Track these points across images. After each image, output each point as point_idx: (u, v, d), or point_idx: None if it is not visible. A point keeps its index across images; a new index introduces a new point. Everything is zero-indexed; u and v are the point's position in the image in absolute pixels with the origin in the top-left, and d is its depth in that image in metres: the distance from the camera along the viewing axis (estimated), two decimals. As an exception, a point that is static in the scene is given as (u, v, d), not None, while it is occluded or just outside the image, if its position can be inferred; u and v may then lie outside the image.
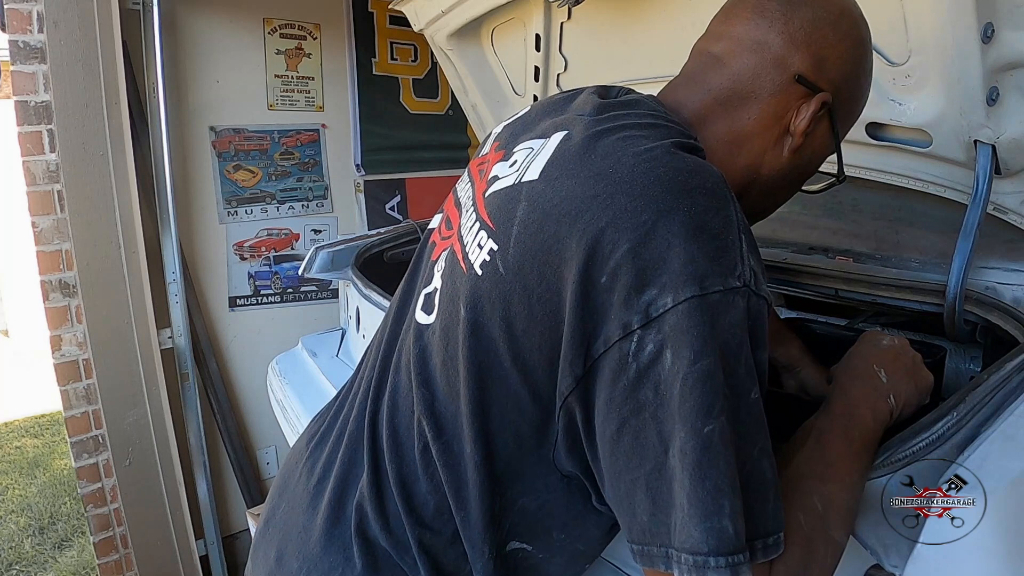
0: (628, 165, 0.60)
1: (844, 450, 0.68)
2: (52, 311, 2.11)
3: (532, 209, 0.63)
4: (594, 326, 0.56)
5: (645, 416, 0.54)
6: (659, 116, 0.68)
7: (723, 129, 0.72)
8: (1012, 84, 1.00)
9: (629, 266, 0.55)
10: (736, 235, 0.56)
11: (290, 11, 2.66)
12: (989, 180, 1.04)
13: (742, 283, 0.55)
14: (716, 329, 0.53)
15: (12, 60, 1.96)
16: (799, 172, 0.77)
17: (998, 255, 1.13)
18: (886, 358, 0.79)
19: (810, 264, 1.25)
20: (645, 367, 0.54)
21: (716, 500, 0.51)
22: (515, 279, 0.62)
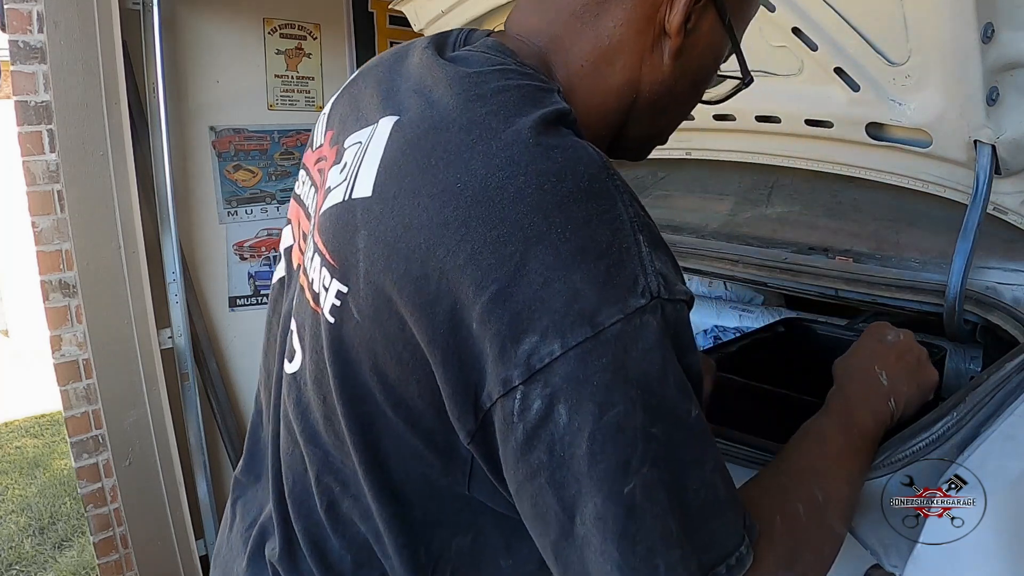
0: (480, 176, 0.47)
1: (844, 447, 0.66)
2: (52, 311, 2.11)
3: (374, 241, 0.51)
4: (475, 378, 0.47)
5: (540, 481, 0.46)
6: (509, 71, 0.55)
7: (586, 48, 0.59)
8: (1012, 84, 1.00)
9: (500, 311, 0.45)
10: (631, 240, 0.47)
11: (290, 11, 2.65)
12: (989, 180, 1.04)
13: (648, 298, 0.45)
14: (625, 367, 0.44)
15: (12, 60, 1.95)
16: (690, 80, 0.63)
17: (998, 255, 1.13)
18: (889, 358, 0.77)
19: (810, 264, 1.25)
20: (534, 428, 0.45)
21: (650, 563, 0.44)
22: (374, 326, 0.52)
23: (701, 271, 1.43)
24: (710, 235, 1.49)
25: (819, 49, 1.17)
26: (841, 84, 1.18)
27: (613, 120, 0.63)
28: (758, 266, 1.30)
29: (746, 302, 1.65)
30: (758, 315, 1.55)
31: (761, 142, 1.42)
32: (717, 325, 1.58)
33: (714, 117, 1.42)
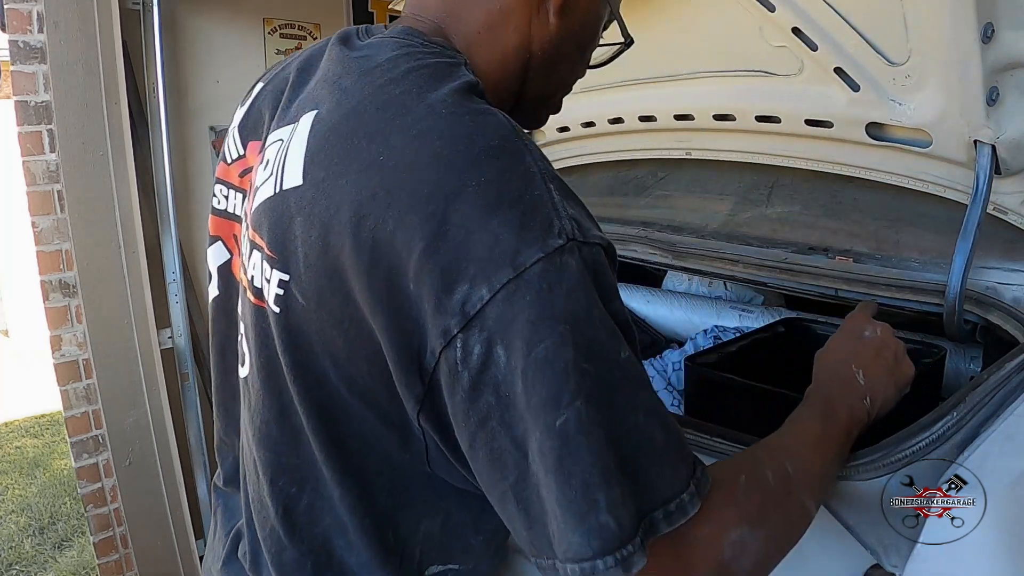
0: (397, 146, 0.52)
1: (820, 436, 0.67)
2: (52, 311, 2.11)
3: (310, 225, 0.54)
4: (417, 340, 0.50)
5: (492, 424, 0.48)
6: (413, 55, 0.59)
7: (480, 16, 0.65)
8: (1012, 84, 1.00)
9: (431, 267, 0.48)
10: (542, 189, 0.50)
11: (290, 11, 2.65)
12: (989, 180, 1.04)
13: (565, 239, 0.48)
14: (551, 304, 0.47)
15: (12, 60, 1.96)
16: (575, 39, 0.69)
17: (998, 255, 1.13)
18: (866, 356, 0.77)
19: (810, 264, 1.25)
20: (478, 372, 0.47)
21: (588, 498, 0.46)
22: (319, 308, 0.55)
23: (701, 271, 1.43)
24: (710, 235, 1.49)
25: (819, 49, 1.17)
26: (841, 84, 1.18)
27: (512, 82, 0.69)
28: (758, 266, 1.30)
29: (746, 302, 1.65)
30: (758, 315, 1.55)
31: (761, 142, 1.42)
32: (717, 325, 1.58)
33: (714, 117, 1.42)
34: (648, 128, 1.58)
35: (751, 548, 0.52)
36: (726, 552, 0.51)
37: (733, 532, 0.52)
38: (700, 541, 0.50)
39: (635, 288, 1.75)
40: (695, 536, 0.50)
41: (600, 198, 1.87)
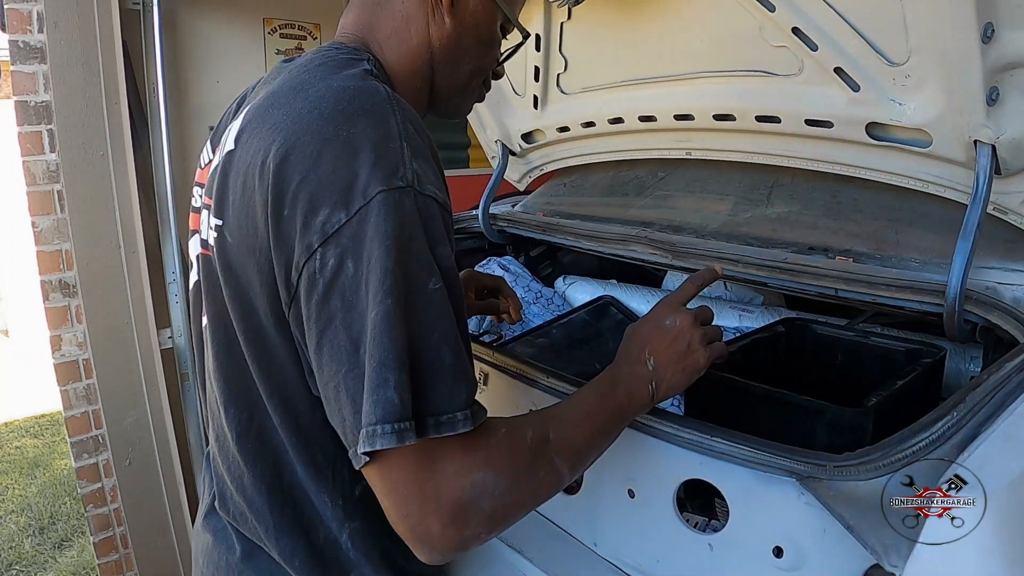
0: (296, 109, 0.66)
1: (593, 409, 0.76)
2: (52, 311, 2.11)
3: (236, 175, 0.70)
4: (287, 255, 0.63)
5: (336, 324, 0.60)
6: (330, 52, 0.77)
7: (387, 26, 0.81)
8: (1012, 84, 1.00)
9: (303, 194, 0.62)
10: (397, 144, 0.63)
11: (290, 11, 2.66)
12: (989, 180, 1.04)
13: (404, 183, 0.62)
14: (385, 227, 0.59)
15: (12, 60, 1.96)
16: (472, 37, 0.82)
17: (998, 255, 1.13)
18: (660, 344, 0.82)
19: (810, 264, 1.25)
20: (330, 280, 0.60)
21: (381, 374, 0.58)
22: (241, 242, 0.69)
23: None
24: (710, 235, 1.49)
25: (819, 49, 1.17)
26: (841, 84, 1.18)
27: (422, 77, 0.83)
28: (758, 266, 1.30)
29: (746, 302, 1.65)
30: (758, 315, 1.55)
31: (761, 142, 1.42)
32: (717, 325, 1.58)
33: (714, 117, 1.42)
34: (648, 128, 1.58)
35: (492, 491, 0.61)
36: (467, 489, 0.60)
37: (477, 473, 0.61)
38: (448, 474, 0.60)
39: (635, 288, 1.75)
40: (444, 469, 0.60)
41: (600, 198, 1.87)
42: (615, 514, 0.95)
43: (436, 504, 0.59)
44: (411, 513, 0.60)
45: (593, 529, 0.99)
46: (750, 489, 0.81)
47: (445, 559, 0.62)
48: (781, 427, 0.91)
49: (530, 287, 1.78)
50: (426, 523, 0.59)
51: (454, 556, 0.63)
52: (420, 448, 0.59)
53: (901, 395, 0.97)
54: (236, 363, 0.76)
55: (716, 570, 0.84)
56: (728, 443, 0.83)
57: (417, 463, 0.59)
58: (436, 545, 0.60)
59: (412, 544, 0.61)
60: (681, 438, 0.87)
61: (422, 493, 0.59)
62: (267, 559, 0.79)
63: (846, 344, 1.21)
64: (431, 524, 0.59)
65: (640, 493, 0.92)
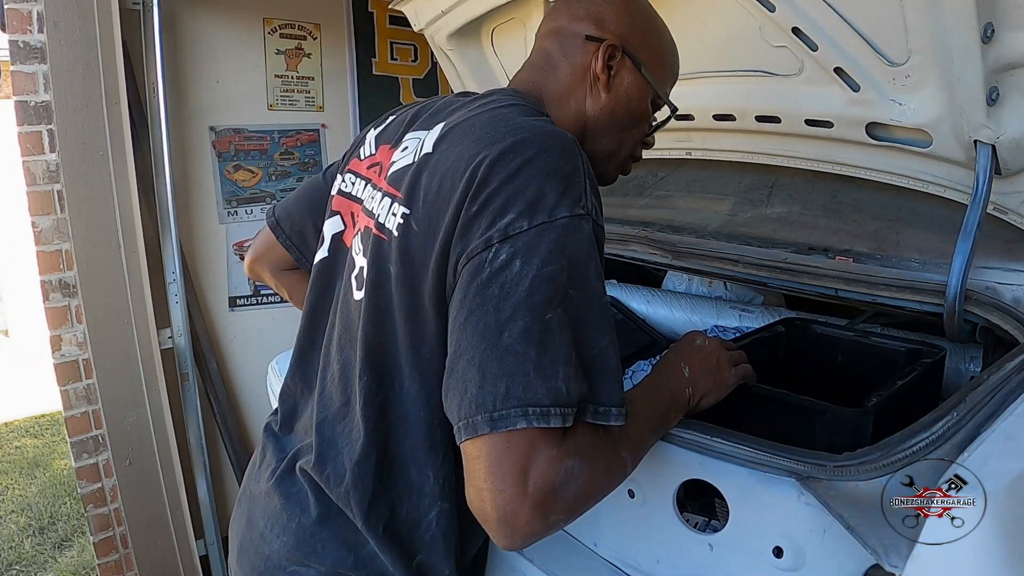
0: (501, 130, 0.77)
1: (645, 406, 0.83)
2: (52, 311, 2.11)
3: (432, 175, 0.79)
4: (467, 242, 0.71)
5: (488, 307, 0.67)
6: (515, 98, 0.88)
7: (554, 90, 0.92)
8: (1012, 84, 1.00)
9: (498, 198, 0.70)
10: (582, 179, 0.73)
11: (290, 11, 2.65)
12: (989, 180, 1.04)
13: (585, 211, 0.71)
14: (563, 246, 0.68)
15: (12, 60, 1.96)
16: (624, 109, 0.93)
17: (998, 255, 1.13)
18: (694, 358, 0.93)
19: (810, 264, 1.25)
20: (497, 271, 0.68)
21: (554, 367, 0.65)
22: (424, 232, 0.77)
23: (701, 271, 1.43)
24: (710, 235, 1.49)
25: (819, 49, 1.17)
26: (841, 84, 1.18)
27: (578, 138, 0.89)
28: (758, 266, 1.30)
29: (746, 302, 1.65)
30: (758, 315, 1.55)
31: (761, 142, 1.42)
32: (717, 325, 1.58)
33: (714, 117, 1.42)
34: (648, 128, 1.58)
35: (577, 478, 0.66)
36: (560, 475, 0.65)
37: (569, 460, 0.66)
38: (548, 457, 0.65)
39: (635, 288, 1.75)
40: (546, 453, 0.65)
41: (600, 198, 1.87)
42: (615, 514, 0.95)
43: (530, 485, 0.64)
44: (505, 489, 0.64)
45: (593, 529, 0.99)
46: (750, 489, 0.81)
47: (525, 544, 0.67)
48: (781, 427, 0.91)
49: (530, 287, 1.78)
50: (516, 503, 0.64)
51: (533, 542, 0.67)
52: (538, 434, 0.64)
53: (901, 395, 0.97)
54: (383, 336, 0.83)
55: (716, 570, 0.84)
56: (728, 443, 0.83)
57: (525, 446, 0.64)
58: (520, 528, 0.65)
59: (496, 525, 0.65)
60: (681, 438, 0.87)
61: (521, 472, 0.64)
62: (344, 524, 0.84)
63: (846, 344, 1.21)
64: (521, 507, 0.64)
65: (640, 493, 0.92)
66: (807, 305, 1.46)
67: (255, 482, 0.97)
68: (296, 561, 0.85)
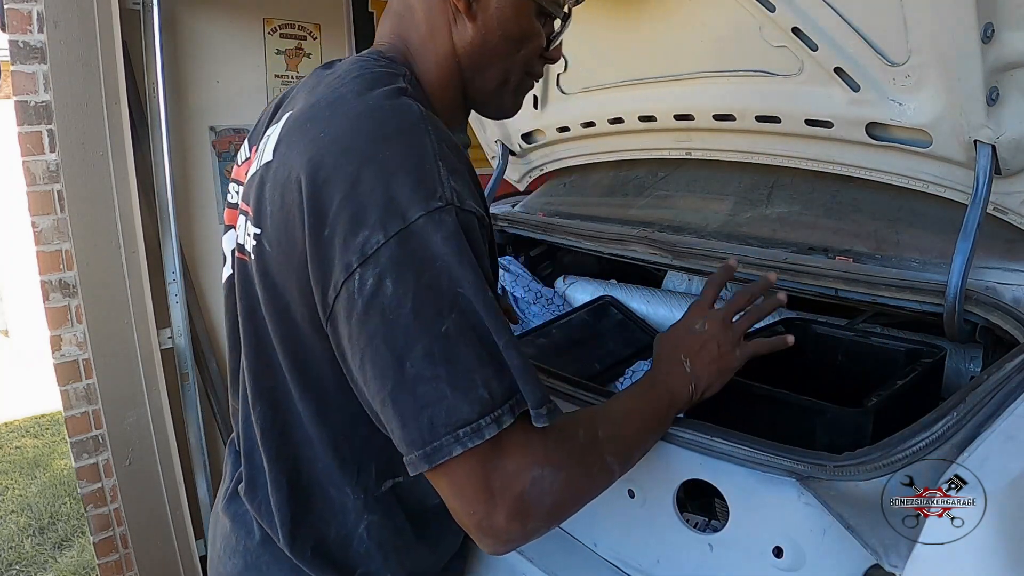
0: (333, 126, 0.68)
1: (638, 408, 0.79)
2: (52, 311, 2.11)
3: (273, 187, 0.72)
4: (327, 273, 0.64)
5: (378, 342, 0.62)
6: (369, 63, 0.77)
7: (416, 37, 0.82)
8: (1012, 84, 1.00)
9: (344, 214, 0.63)
10: (432, 165, 0.65)
11: (290, 11, 2.65)
12: (989, 180, 1.04)
13: (444, 203, 0.63)
14: (431, 247, 0.62)
15: (12, 60, 1.96)
16: (498, 33, 0.80)
17: (998, 255, 1.13)
18: (693, 347, 0.85)
19: (810, 264, 1.25)
20: (369, 299, 0.62)
21: (469, 377, 0.61)
22: (279, 252, 0.71)
23: (701, 271, 1.43)
24: (710, 235, 1.49)
25: (819, 49, 1.17)
26: (841, 84, 1.18)
27: (455, 83, 0.83)
28: (758, 266, 1.30)
29: (746, 302, 1.64)
30: (758, 315, 1.55)
31: (761, 142, 1.42)
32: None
33: (714, 117, 1.42)
34: (648, 128, 1.58)
35: (551, 487, 0.64)
36: (528, 486, 0.63)
37: (536, 469, 0.63)
38: (509, 472, 0.62)
39: (635, 288, 1.75)
40: (505, 467, 0.62)
41: (600, 198, 1.87)
42: (615, 514, 0.95)
43: (500, 501, 0.62)
44: (477, 511, 0.63)
45: (593, 529, 0.99)
46: (750, 489, 0.81)
47: (508, 551, 0.66)
48: (781, 427, 0.90)
49: (530, 287, 1.78)
50: (492, 519, 0.62)
51: (515, 548, 0.66)
52: (488, 447, 0.61)
53: (901, 395, 0.97)
54: (265, 362, 0.79)
55: (716, 570, 0.84)
56: (728, 443, 0.83)
57: (480, 464, 0.62)
58: (501, 538, 0.64)
59: (478, 537, 0.64)
60: (681, 438, 0.87)
61: (487, 491, 0.62)
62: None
63: (846, 344, 1.21)
64: (497, 519, 0.62)
65: (640, 493, 0.92)
66: (807, 305, 1.46)
67: (218, 500, 0.96)
68: None
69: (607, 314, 1.64)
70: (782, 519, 0.78)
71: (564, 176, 2.04)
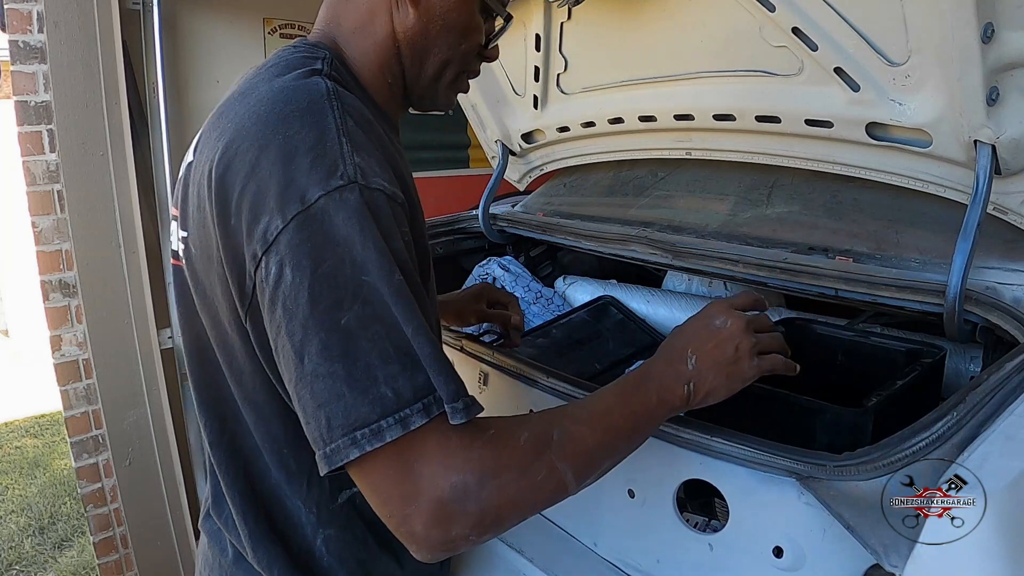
0: (239, 115, 0.67)
1: (612, 408, 0.70)
2: (52, 311, 2.11)
3: (193, 186, 0.71)
4: (240, 264, 0.62)
5: (282, 335, 0.59)
6: (281, 57, 0.75)
7: (352, 20, 0.78)
8: (1012, 84, 1.00)
9: (245, 202, 0.61)
10: (335, 141, 0.61)
11: (290, 11, 2.65)
12: (989, 180, 1.04)
13: (346, 180, 0.59)
14: (332, 230, 0.58)
15: (12, 60, 1.96)
16: (440, 26, 0.78)
17: (998, 255, 1.13)
18: (705, 344, 0.75)
19: (810, 264, 1.25)
20: (272, 290, 0.59)
21: (370, 375, 0.57)
22: (202, 253, 0.69)
23: (701, 271, 1.43)
24: (710, 235, 1.49)
25: (819, 49, 1.17)
26: (841, 84, 1.18)
27: (391, 70, 0.80)
28: (758, 266, 1.30)
29: (746, 302, 1.64)
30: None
31: (761, 142, 1.41)
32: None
33: (714, 117, 1.42)
34: (648, 128, 1.58)
35: (476, 494, 0.58)
36: (447, 491, 0.57)
37: (457, 475, 0.58)
38: (425, 475, 0.58)
39: (635, 288, 1.75)
40: (421, 470, 0.58)
41: (600, 198, 1.87)
42: (615, 514, 0.95)
43: (416, 505, 0.57)
44: (393, 513, 0.59)
45: (593, 529, 0.99)
46: (750, 489, 0.81)
47: (436, 558, 0.60)
48: (781, 427, 0.91)
49: (530, 287, 1.78)
50: (409, 523, 0.58)
51: (445, 556, 0.61)
52: (397, 449, 0.57)
53: (901, 395, 0.97)
54: (207, 371, 0.76)
55: (716, 570, 0.84)
56: (728, 443, 0.83)
57: (395, 464, 0.58)
58: (423, 544, 0.59)
59: (403, 541, 0.60)
60: (681, 438, 0.87)
61: (401, 494, 0.58)
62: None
63: (846, 344, 1.21)
64: (414, 524, 0.58)
65: (640, 493, 0.92)
66: (807, 305, 1.46)
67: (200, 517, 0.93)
68: None
69: (607, 314, 1.64)
70: (782, 519, 0.78)
71: (564, 176, 2.04)
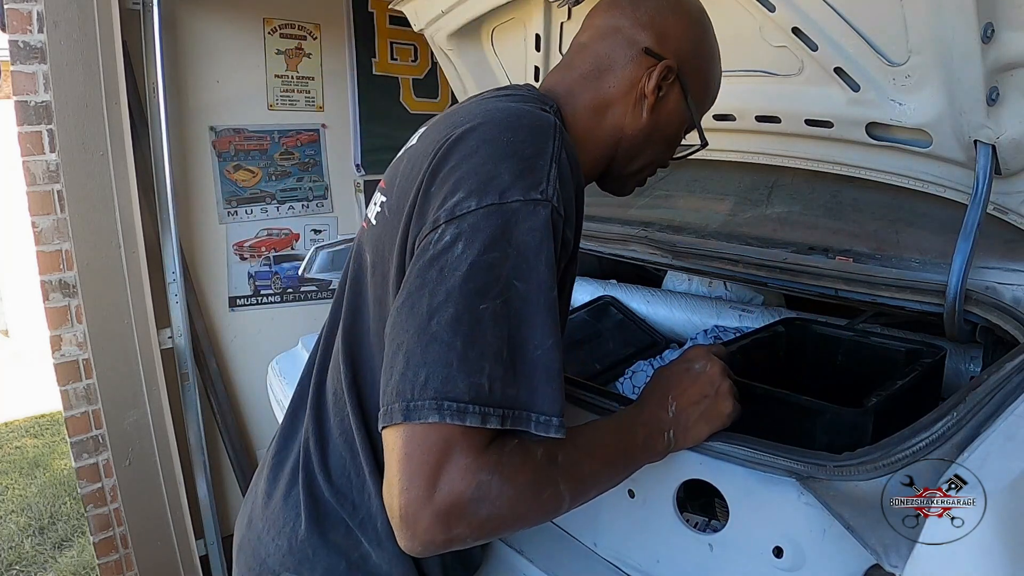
0: (474, 112, 0.74)
1: (608, 441, 0.75)
2: (52, 311, 2.11)
3: (409, 160, 0.78)
4: (420, 224, 0.69)
5: (425, 291, 0.64)
6: (516, 90, 0.84)
7: (588, 98, 0.85)
8: (1012, 84, 1.00)
9: (452, 177, 0.68)
10: (546, 163, 0.68)
11: (290, 11, 2.65)
12: (989, 180, 1.04)
13: (544, 198, 0.66)
14: (513, 231, 0.64)
15: (12, 60, 1.96)
16: (660, 133, 0.88)
17: (998, 255, 1.13)
18: (687, 391, 0.82)
19: (810, 264, 1.25)
20: (439, 252, 0.64)
21: (480, 362, 0.61)
22: (394, 214, 0.75)
23: (701, 271, 1.43)
24: (710, 235, 1.49)
25: (819, 49, 1.17)
26: (841, 84, 1.18)
27: (604, 153, 0.88)
28: (758, 266, 1.30)
29: (746, 302, 1.65)
30: (758, 315, 1.55)
31: (761, 142, 1.42)
32: (717, 325, 1.58)
33: (714, 117, 1.42)
34: (648, 128, 1.58)
35: (493, 498, 0.61)
36: (471, 488, 0.60)
37: (484, 474, 0.61)
38: (460, 466, 0.60)
39: (635, 288, 1.75)
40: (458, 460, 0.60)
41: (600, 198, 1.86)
42: (615, 514, 0.95)
43: (437, 490, 0.59)
44: (411, 488, 0.60)
45: (593, 529, 0.99)
46: (750, 489, 0.81)
47: (422, 552, 0.62)
48: (781, 427, 0.90)
49: (530, 287, 1.78)
50: (418, 505, 0.59)
51: (431, 552, 0.62)
52: (458, 435, 0.60)
53: (901, 395, 0.97)
54: (359, 327, 0.83)
55: (716, 570, 0.84)
56: (728, 443, 0.83)
57: (439, 445, 0.60)
58: (419, 534, 0.60)
59: (398, 524, 0.61)
60: (681, 438, 0.87)
61: (431, 474, 0.60)
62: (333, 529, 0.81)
63: (846, 344, 1.21)
64: (423, 511, 0.59)
65: (640, 493, 0.92)
66: (807, 305, 1.46)
67: (257, 478, 0.95)
68: (289, 567, 0.83)
69: (607, 314, 1.64)
70: (782, 519, 0.78)
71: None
